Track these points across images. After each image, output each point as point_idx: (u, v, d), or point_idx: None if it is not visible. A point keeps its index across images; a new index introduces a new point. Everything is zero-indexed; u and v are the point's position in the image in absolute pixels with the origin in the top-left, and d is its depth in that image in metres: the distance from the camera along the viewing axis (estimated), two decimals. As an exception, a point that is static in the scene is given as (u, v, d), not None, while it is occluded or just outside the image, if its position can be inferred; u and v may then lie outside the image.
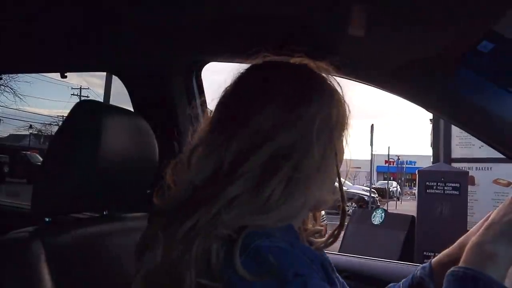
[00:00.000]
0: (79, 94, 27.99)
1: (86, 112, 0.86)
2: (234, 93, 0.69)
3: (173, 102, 1.39)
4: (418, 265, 1.42)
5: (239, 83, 0.70)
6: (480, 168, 4.95)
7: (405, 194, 28.75)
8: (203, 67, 1.42)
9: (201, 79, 1.44)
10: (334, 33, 0.93)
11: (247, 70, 0.71)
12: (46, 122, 28.65)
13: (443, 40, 0.88)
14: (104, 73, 12.28)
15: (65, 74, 1.47)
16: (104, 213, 0.99)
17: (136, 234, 0.64)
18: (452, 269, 0.61)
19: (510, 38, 0.84)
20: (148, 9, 0.95)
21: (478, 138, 1.03)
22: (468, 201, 4.40)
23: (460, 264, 0.62)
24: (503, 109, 0.93)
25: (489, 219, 0.66)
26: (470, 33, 0.85)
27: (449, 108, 1.02)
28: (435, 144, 5.69)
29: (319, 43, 0.93)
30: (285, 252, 0.54)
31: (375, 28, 0.85)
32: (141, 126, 0.97)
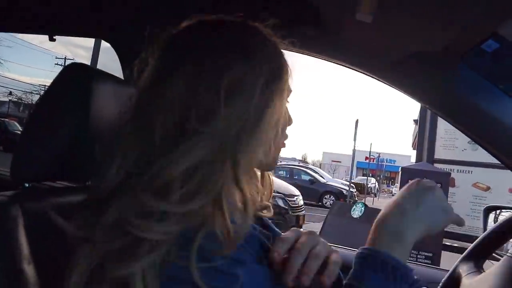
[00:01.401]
0: (63, 64, 27.32)
1: (76, 76, 0.82)
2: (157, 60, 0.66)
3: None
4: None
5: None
6: (461, 170, 5.05)
7: (382, 192, 29.25)
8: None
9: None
10: (339, 16, 0.90)
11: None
12: (27, 90, 27.93)
13: (449, 35, 0.87)
14: (91, 45, 11.99)
15: (54, 38, 1.41)
16: (87, 183, 0.95)
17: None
18: (360, 250, 0.60)
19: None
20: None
21: (469, 137, 1.03)
22: (447, 202, 4.46)
23: (367, 244, 0.60)
24: (500, 111, 0.93)
25: (392, 198, 0.66)
26: (476, 31, 0.84)
27: (444, 105, 1.01)
28: (419, 144, 5.76)
29: (322, 25, 0.91)
30: None
31: (382, 15, 0.83)
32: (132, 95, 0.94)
